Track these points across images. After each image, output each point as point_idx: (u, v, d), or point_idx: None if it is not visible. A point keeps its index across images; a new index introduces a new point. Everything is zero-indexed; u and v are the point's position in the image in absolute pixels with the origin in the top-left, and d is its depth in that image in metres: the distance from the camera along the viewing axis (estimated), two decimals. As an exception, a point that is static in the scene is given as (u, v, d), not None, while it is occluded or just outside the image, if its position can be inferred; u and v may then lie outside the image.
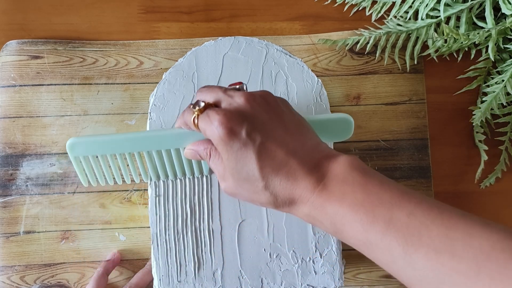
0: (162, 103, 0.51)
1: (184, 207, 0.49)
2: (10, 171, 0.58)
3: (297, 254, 0.49)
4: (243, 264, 0.49)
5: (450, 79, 0.61)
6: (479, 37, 0.54)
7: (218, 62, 0.52)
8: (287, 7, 0.63)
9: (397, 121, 0.60)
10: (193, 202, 0.49)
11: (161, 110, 0.51)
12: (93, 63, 0.60)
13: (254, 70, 0.52)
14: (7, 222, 0.57)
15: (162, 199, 0.49)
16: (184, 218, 0.49)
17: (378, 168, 0.59)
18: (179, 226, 0.49)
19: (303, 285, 0.49)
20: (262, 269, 0.49)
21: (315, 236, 0.50)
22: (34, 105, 0.59)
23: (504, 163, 0.60)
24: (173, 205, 0.49)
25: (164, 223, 0.49)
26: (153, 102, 0.51)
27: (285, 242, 0.49)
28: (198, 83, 0.52)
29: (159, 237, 0.49)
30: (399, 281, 0.38)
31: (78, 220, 0.58)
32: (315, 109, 0.52)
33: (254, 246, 0.49)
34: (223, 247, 0.49)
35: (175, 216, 0.49)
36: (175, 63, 0.52)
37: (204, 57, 0.52)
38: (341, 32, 0.62)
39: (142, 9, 0.62)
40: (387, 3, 0.61)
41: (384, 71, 0.61)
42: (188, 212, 0.49)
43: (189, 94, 0.51)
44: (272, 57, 0.52)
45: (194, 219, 0.49)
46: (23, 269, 0.57)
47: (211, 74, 0.52)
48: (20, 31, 0.61)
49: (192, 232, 0.49)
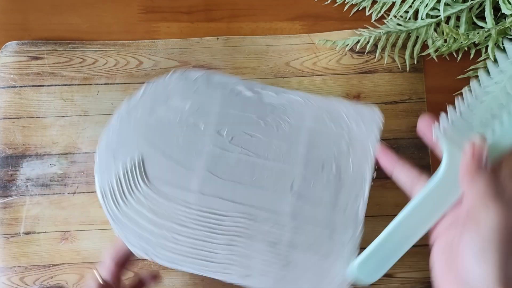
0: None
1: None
2: (10, 171, 0.58)
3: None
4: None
5: (450, 79, 0.61)
6: (479, 37, 0.54)
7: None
8: (287, 7, 0.63)
9: (397, 120, 0.60)
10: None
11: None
12: (92, 64, 0.60)
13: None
14: (7, 223, 0.57)
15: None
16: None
17: (378, 168, 0.59)
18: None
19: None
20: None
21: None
22: (34, 105, 0.59)
23: (504, 163, 0.59)
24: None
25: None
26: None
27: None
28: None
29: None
30: (400, 281, 0.38)
31: (78, 220, 0.58)
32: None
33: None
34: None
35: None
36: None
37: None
38: (341, 31, 0.62)
39: (142, 9, 0.62)
40: (387, 3, 0.61)
41: (384, 70, 0.61)
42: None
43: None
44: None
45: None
46: (22, 270, 0.57)
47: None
48: (20, 31, 0.61)
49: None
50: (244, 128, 0.50)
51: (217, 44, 0.61)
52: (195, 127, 0.50)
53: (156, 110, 0.51)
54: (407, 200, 0.46)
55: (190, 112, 0.51)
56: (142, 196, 0.49)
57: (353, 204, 0.48)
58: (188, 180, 0.49)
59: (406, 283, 0.58)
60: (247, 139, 0.50)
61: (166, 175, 0.49)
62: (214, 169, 0.49)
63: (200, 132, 0.50)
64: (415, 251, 0.58)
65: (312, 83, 0.61)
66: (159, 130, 0.50)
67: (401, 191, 0.53)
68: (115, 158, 0.50)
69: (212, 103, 0.51)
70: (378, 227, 0.59)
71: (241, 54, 0.61)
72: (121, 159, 0.49)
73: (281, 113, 0.50)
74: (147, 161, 0.50)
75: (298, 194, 0.49)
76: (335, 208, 0.48)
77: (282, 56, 0.61)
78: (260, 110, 0.50)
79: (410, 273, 0.58)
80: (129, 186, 0.49)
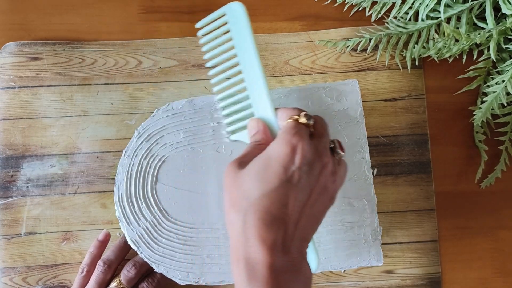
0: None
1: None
2: (10, 172, 0.58)
3: None
4: None
5: (450, 79, 0.61)
6: (480, 37, 0.54)
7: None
8: (287, 7, 0.63)
9: (396, 117, 0.61)
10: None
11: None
12: (92, 64, 0.60)
13: None
14: (8, 224, 0.57)
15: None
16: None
17: (378, 164, 0.59)
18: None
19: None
20: None
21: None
22: (34, 106, 0.59)
23: (504, 163, 0.60)
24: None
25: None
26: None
27: None
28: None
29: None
30: (401, 277, 0.38)
31: (79, 220, 0.58)
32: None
33: None
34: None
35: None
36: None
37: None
38: (340, 29, 0.62)
39: (142, 9, 0.62)
40: (387, 4, 0.61)
41: (383, 68, 0.61)
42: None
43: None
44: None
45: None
46: (25, 271, 0.57)
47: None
48: (20, 31, 0.61)
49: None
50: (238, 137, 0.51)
51: (216, 43, 0.61)
52: (196, 152, 0.52)
53: (153, 151, 0.52)
54: (407, 197, 0.47)
55: (186, 140, 0.52)
56: (171, 233, 0.51)
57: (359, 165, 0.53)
58: (206, 204, 0.52)
59: (407, 279, 0.58)
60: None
61: (184, 206, 0.52)
62: None
63: (201, 156, 0.52)
64: (416, 248, 0.59)
65: (311, 81, 0.61)
66: (163, 168, 0.52)
67: (401, 188, 0.54)
68: (131, 203, 0.52)
69: (204, 125, 0.52)
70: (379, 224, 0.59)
71: (241, 53, 0.61)
72: (138, 203, 0.52)
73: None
74: (162, 200, 0.52)
75: None
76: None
77: (281, 54, 0.61)
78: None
79: (411, 269, 0.58)
80: (156, 228, 0.51)
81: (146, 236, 0.51)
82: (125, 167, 0.52)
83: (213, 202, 0.51)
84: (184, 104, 0.53)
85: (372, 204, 0.52)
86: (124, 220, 0.51)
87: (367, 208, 0.52)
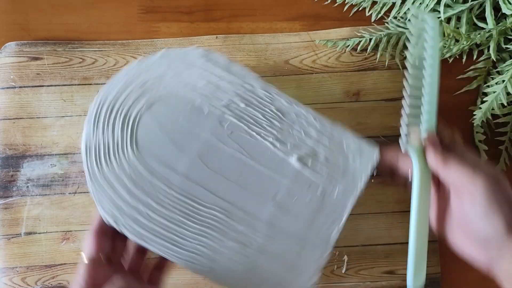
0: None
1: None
2: (10, 172, 0.58)
3: (332, 172, 0.50)
4: (311, 230, 0.49)
5: (450, 79, 0.61)
6: (480, 37, 0.54)
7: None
8: (287, 7, 0.63)
9: (397, 117, 0.60)
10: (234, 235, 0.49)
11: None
12: (92, 63, 0.60)
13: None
14: (8, 224, 0.57)
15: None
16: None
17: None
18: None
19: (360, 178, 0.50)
20: (324, 211, 0.50)
21: (325, 147, 0.50)
22: (34, 106, 0.59)
23: (504, 163, 0.60)
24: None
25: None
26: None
27: (313, 177, 0.50)
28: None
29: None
30: (401, 277, 0.39)
31: (79, 220, 0.58)
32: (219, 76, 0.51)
33: (301, 205, 0.49)
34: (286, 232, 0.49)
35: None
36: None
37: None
38: (340, 29, 0.62)
39: (142, 9, 0.62)
40: (387, 4, 0.61)
41: (384, 67, 0.61)
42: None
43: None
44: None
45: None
46: (24, 271, 0.57)
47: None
48: (20, 31, 0.61)
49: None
50: (246, 126, 0.50)
51: (216, 43, 0.61)
52: (199, 110, 0.50)
53: (166, 79, 0.50)
54: (407, 196, 0.47)
55: (201, 92, 0.50)
56: (126, 163, 0.48)
57: (328, 228, 0.49)
58: (177, 160, 0.49)
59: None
60: (246, 139, 0.50)
61: (157, 149, 0.49)
62: (205, 158, 0.49)
63: (202, 117, 0.50)
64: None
65: (311, 81, 0.61)
66: (163, 99, 0.50)
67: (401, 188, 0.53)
68: (109, 112, 0.49)
69: (224, 90, 0.50)
70: (379, 224, 0.60)
71: (240, 53, 0.61)
72: (115, 116, 0.49)
73: (287, 124, 0.50)
74: (141, 128, 0.49)
75: (279, 204, 0.49)
76: (310, 227, 0.49)
77: (281, 54, 0.61)
78: (268, 114, 0.50)
79: (411, 270, 0.58)
80: (116, 148, 0.48)
81: (101, 147, 0.48)
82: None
83: (183, 165, 0.48)
84: (221, 60, 0.51)
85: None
86: (91, 114, 0.49)
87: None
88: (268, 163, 0.49)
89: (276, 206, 0.49)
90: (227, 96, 0.50)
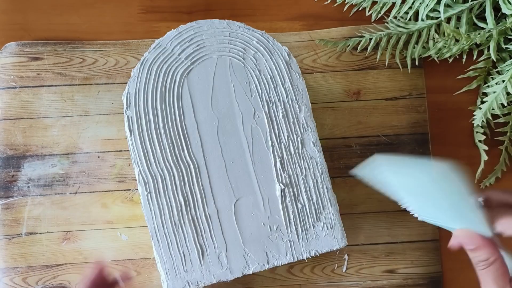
0: (136, 100, 0.50)
1: (177, 198, 0.49)
2: (11, 172, 0.58)
3: (296, 222, 0.50)
4: (246, 242, 0.49)
5: (450, 79, 0.62)
6: (480, 37, 0.55)
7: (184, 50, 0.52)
8: (287, 7, 0.63)
9: (397, 116, 0.61)
10: (184, 191, 0.49)
11: (137, 106, 0.50)
12: (92, 63, 0.60)
13: (220, 50, 0.52)
14: (9, 224, 0.57)
15: (154, 194, 0.49)
16: (179, 208, 0.49)
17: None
18: (175, 217, 0.49)
19: (308, 251, 0.49)
20: (265, 244, 0.49)
21: (310, 201, 0.50)
22: (35, 106, 0.59)
23: (504, 163, 0.60)
24: (165, 198, 0.49)
25: (160, 217, 0.48)
26: (127, 101, 0.50)
27: (281, 213, 0.49)
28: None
29: (158, 232, 0.48)
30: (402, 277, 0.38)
31: (79, 220, 0.58)
32: (289, 78, 0.51)
33: (253, 222, 0.49)
34: (222, 229, 0.49)
35: (170, 208, 0.49)
36: (142, 58, 0.51)
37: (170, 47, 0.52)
38: (340, 28, 0.62)
39: (142, 9, 0.62)
40: (387, 4, 0.61)
41: (384, 66, 0.61)
42: (182, 202, 0.49)
43: (160, 85, 0.51)
44: (236, 35, 0.52)
45: (189, 207, 0.49)
46: (25, 271, 0.57)
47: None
48: (20, 31, 0.61)
49: (190, 221, 0.49)
50: (270, 132, 0.51)
51: (216, 43, 0.61)
52: (251, 90, 0.51)
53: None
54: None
55: (261, 80, 0.52)
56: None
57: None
58: (204, 108, 0.51)
59: (408, 279, 0.58)
60: (261, 140, 0.51)
61: (198, 92, 0.51)
62: (222, 124, 0.50)
63: (248, 96, 0.51)
64: (417, 247, 0.59)
65: (312, 80, 0.61)
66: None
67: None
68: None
69: (280, 92, 0.52)
70: (380, 223, 0.60)
71: (241, 52, 0.61)
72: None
73: (297, 160, 0.51)
74: (194, 74, 0.51)
75: (237, 208, 0.50)
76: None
77: (282, 54, 0.61)
78: (293, 141, 0.51)
79: (412, 269, 0.58)
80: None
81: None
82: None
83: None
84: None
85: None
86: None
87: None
88: (260, 171, 0.50)
89: (234, 207, 0.50)
90: (277, 99, 0.51)
